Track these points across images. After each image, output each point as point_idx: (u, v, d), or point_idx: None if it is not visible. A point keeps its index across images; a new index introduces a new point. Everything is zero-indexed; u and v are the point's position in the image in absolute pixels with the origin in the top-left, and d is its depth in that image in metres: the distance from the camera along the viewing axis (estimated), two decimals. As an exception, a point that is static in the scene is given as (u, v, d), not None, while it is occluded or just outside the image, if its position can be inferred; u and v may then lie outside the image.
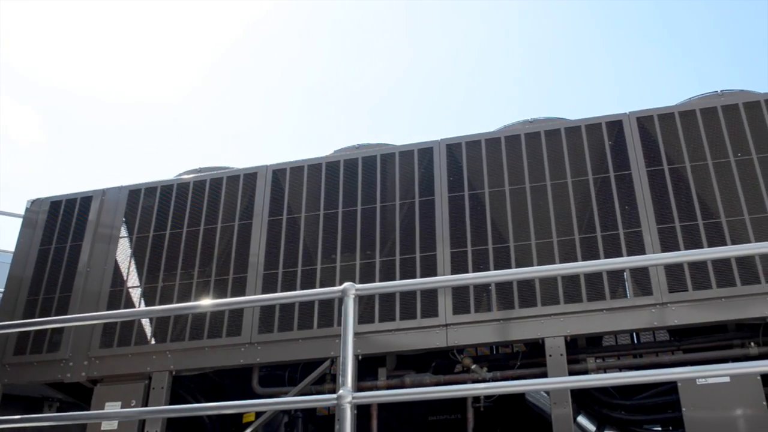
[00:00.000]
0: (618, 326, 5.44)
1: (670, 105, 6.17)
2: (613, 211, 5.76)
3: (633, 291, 5.46)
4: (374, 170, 6.43)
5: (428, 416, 6.62)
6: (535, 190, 5.99)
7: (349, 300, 3.82)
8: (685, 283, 5.39)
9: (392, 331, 5.74)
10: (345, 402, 3.53)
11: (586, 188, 5.92)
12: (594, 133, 6.13)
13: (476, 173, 6.18)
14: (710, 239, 5.51)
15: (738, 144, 5.82)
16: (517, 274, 4.23)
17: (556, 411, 5.23)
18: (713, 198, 5.66)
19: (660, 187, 5.77)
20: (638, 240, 5.60)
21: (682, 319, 5.34)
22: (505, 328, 5.58)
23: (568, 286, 5.55)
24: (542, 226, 5.84)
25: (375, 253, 6.06)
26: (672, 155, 5.89)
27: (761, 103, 5.96)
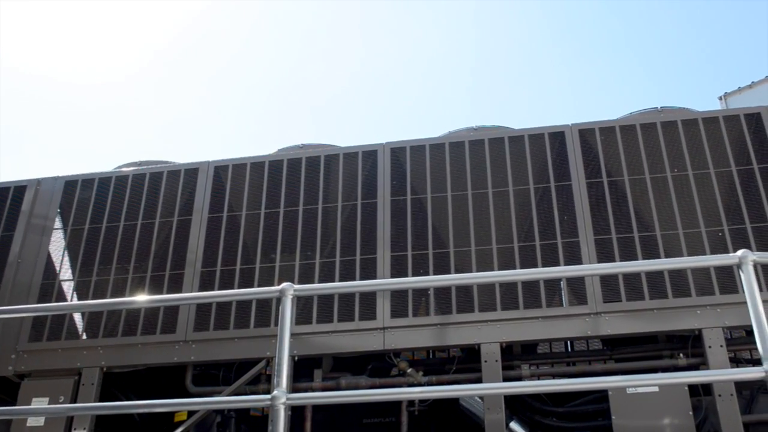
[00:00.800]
0: (553, 334, 5.51)
1: (612, 119, 6.29)
2: (552, 220, 5.84)
3: (568, 300, 5.54)
4: (318, 171, 6.40)
5: (363, 419, 6.61)
6: (477, 197, 6.04)
7: (287, 300, 3.79)
8: (619, 294, 5.50)
9: (329, 332, 5.72)
10: (279, 403, 3.50)
11: (526, 197, 5.99)
12: (537, 143, 6.21)
13: (419, 178, 6.21)
14: (645, 252, 5.62)
15: (675, 160, 5.95)
16: (455, 280, 4.25)
17: (489, 416, 5.28)
18: (649, 211, 5.78)
19: (599, 199, 5.87)
20: (575, 250, 5.69)
21: (615, 329, 5.44)
22: (442, 332, 5.61)
23: (505, 293, 5.61)
24: (482, 233, 5.89)
25: (315, 254, 6.03)
26: (611, 168, 6.00)
27: (699, 121, 6.11)
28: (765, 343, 3.53)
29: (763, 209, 5.69)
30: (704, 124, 6.11)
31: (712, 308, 5.40)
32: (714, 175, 5.87)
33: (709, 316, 5.38)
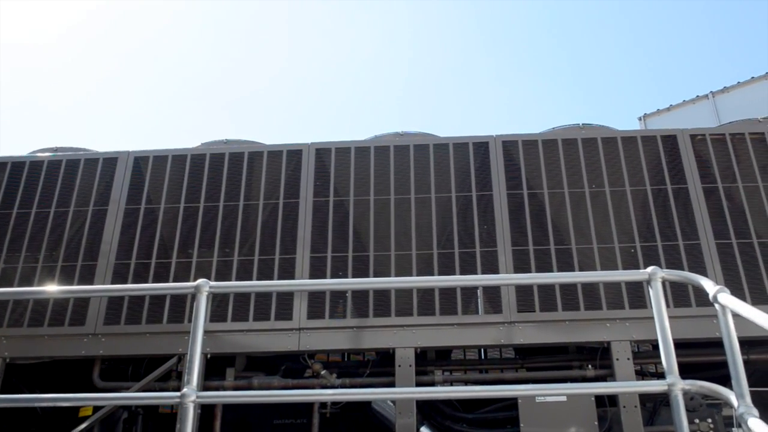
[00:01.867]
0: (467, 341, 5.58)
1: (535, 132, 6.41)
2: (472, 229, 5.91)
3: (484, 308, 5.61)
4: (241, 167, 6.33)
5: (274, 419, 6.55)
6: (399, 202, 6.07)
7: (202, 297, 3.72)
8: (533, 304, 5.60)
9: (244, 331, 5.66)
10: (188, 401, 3.43)
11: (448, 205, 6.04)
12: (461, 152, 6.27)
13: (343, 180, 6.20)
14: (560, 264, 5.74)
15: (593, 176, 6.11)
16: (373, 284, 4.27)
17: (400, 420, 5.30)
18: (566, 225, 5.90)
19: (518, 210, 5.97)
20: (493, 259, 5.77)
21: (528, 338, 5.54)
22: (358, 336, 5.61)
23: (422, 299, 5.65)
24: (403, 238, 5.91)
25: (234, 251, 5.96)
26: (532, 180, 6.11)
27: (618, 140, 6.29)
28: (669, 357, 3.64)
29: (674, 228, 5.88)
30: (623, 143, 6.28)
31: (621, 322, 5.55)
32: (629, 193, 6.04)
33: (618, 330, 5.53)
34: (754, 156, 6.23)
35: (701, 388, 3.56)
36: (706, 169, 6.18)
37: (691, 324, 5.54)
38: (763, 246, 5.84)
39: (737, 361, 3.41)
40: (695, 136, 6.35)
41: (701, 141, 6.32)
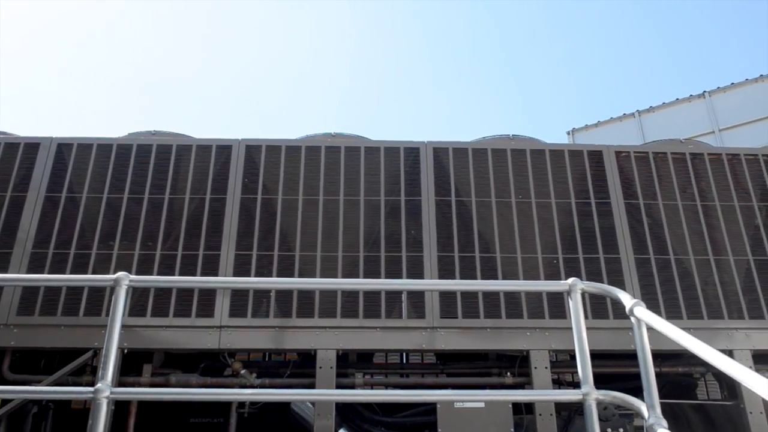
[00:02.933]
0: (389, 345, 5.58)
1: (466, 141, 6.47)
2: (399, 233, 5.93)
3: (408, 313, 5.63)
4: (168, 160, 6.21)
5: (190, 418, 6.44)
6: (328, 203, 6.05)
7: (121, 290, 3.63)
8: (456, 311, 5.65)
9: (164, 327, 5.55)
10: (102, 396, 3.35)
11: (376, 208, 6.05)
12: (392, 156, 6.29)
13: (272, 178, 6.14)
14: (484, 272, 5.81)
15: (520, 187, 6.20)
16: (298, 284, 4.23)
17: (318, 422, 5.27)
18: (492, 234, 5.98)
19: (445, 217, 6.02)
20: (419, 264, 5.80)
21: (450, 344, 5.58)
22: (280, 336, 5.56)
23: (346, 301, 5.63)
24: (330, 239, 5.89)
25: (157, 244, 5.84)
26: (461, 188, 6.16)
27: (546, 153, 6.39)
28: (585, 367, 3.71)
29: (596, 241, 6.01)
30: (551, 155, 6.40)
31: (541, 331, 5.64)
32: (555, 205, 6.16)
33: (538, 339, 5.62)
34: (674, 175, 6.42)
35: (614, 399, 3.64)
36: (629, 185, 6.34)
37: (607, 335, 5.67)
38: (679, 263, 6.02)
39: (649, 373, 3.50)
40: (620, 152, 6.50)
41: (626, 158, 6.48)
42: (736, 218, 6.29)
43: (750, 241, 6.21)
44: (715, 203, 6.35)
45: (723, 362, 2.92)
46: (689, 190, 6.39)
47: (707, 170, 6.50)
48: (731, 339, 5.78)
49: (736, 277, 6.02)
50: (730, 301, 5.92)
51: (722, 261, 6.08)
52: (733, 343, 5.78)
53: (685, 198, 6.35)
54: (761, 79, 15.76)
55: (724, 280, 6.00)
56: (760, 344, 5.81)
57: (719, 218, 6.28)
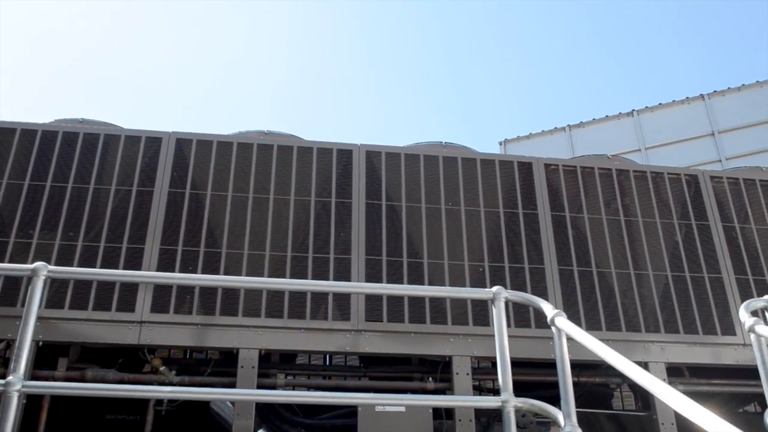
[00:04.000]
0: (313, 346, 5.56)
1: (399, 145, 6.50)
2: (328, 235, 5.91)
3: (333, 314, 5.62)
4: (95, 149, 6.06)
5: (105, 414, 6.29)
6: (258, 202, 5.99)
7: (39, 281, 3.54)
8: (381, 314, 5.66)
9: (82, 320, 5.40)
10: (13, 390, 3.25)
11: (306, 208, 6.02)
12: (325, 157, 6.27)
13: (202, 173, 6.06)
14: (411, 277, 5.84)
15: (450, 194, 6.25)
16: (222, 282, 4.18)
17: (237, 422, 5.21)
18: (421, 239, 6.01)
19: (375, 220, 6.03)
20: (346, 266, 5.79)
21: (373, 347, 5.59)
22: (203, 333, 5.48)
23: (271, 301, 5.59)
24: (257, 238, 5.84)
25: (79, 235, 5.69)
26: (391, 192, 6.19)
27: (477, 161, 6.47)
28: (505, 374, 3.77)
29: (522, 251, 6.11)
30: (482, 164, 6.47)
31: (464, 338, 5.70)
32: (483, 214, 6.23)
33: (461, 345, 5.67)
34: (600, 189, 6.57)
35: (532, 406, 3.71)
36: (556, 197, 6.46)
37: (529, 344, 5.77)
38: (601, 275, 6.16)
39: (567, 383, 3.58)
40: (549, 165, 6.62)
41: (554, 170, 6.60)
42: (657, 234, 6.48)
43: (669, 257, 6.39)
44: (637, 219, 6.52)
45: (638, 374, 3.00)
46: (614, 205, 6.55)
47: (632, 187, 6.67)
48: (647, 351, 5.94)
49: (654, 292, 6.19)
50: (648, 314, 6.08)
51: (642, 275, 6.25)
52: (649, 355, 5.93)
53: (609, 212, 6.50)
54: (687, 101, 16.27)
55: (642, 294, 6.17)
56: (674, 357, 5.99)
57: (641, 234, 6.45)
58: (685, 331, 6.08)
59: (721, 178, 6.94)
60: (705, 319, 6.15)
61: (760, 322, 3.96)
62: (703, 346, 6.07)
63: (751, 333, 3.96)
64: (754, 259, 6.54)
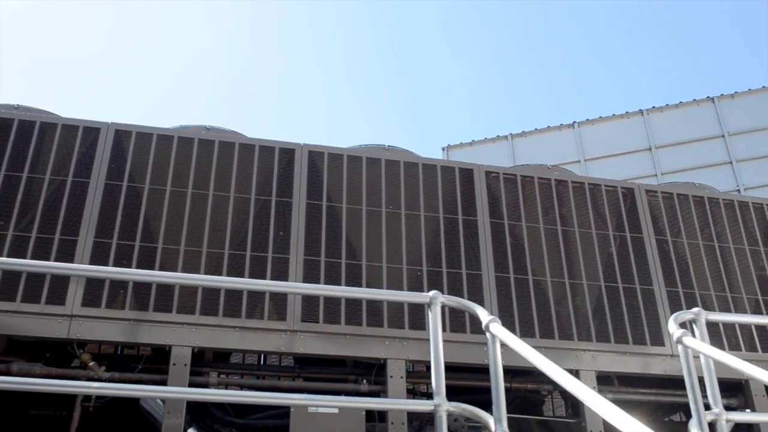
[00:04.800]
0: (248, 346, 5.50)
1: (342, 147, 6.48)
2: (267, 234, 5.87)
3: (269, 314, 5.57)
4: (30, 136, 5.90)
5: (31, 409, 6.13)
6: (197, 197, 5.91)
7: (-37, 269, 3.42)
8: (317, 315, 5.63)
9: (9, 312, 5.25)
10: (-70, 382, 3.14)
11: (246, 205, 5.96)
12: (266, 155, 6.22)
13: (140, 166, 5.95)
14: (349, 279, 5.83)
15: (391, 197, 6.26)
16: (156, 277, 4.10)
17: (167, 420, 5.13)
18: (360, 241, 6.01)
19: (315, 221, 6.00)
20: (284, 266, 5.75)
21: (308, 348, 5.56)
22: (135, 329, 5.38)
23: (206, 298, 5.51)
24: (195, 234, 5.75)
25: (9, 225, 5.53)
26: (333, 193, 6.17)
27: (419, 166, 6.50)
28: (439, 379, 3.79)
29: (460, 257, 6.15)
30: (423, 169, 6.50)
31: (400, 341, 5.71)
32: (423, 218, 6.26)
33: (396, 348, 5.69)
34: (539, 198, 6.66)
35: (464, 411, 3.73)
36: (495, 204, 6.52)
37: (463, 349, 5.81)
38: (536, 283, 6.24)
39: (499, 388, 3.61)
40: (490, 172, 6.69)
41: (495, 178, 6.67)
42: (593, 245, 6.59)
43: (603, 268, 6.51)
44: (574, 229, 6.62)
45: (568, 381, 3.04)
46: (552, 214, 6.65)
47: (570, 197, 6.78)
48: (579, 360, 6.04)
49: (588, 301, 6.30)
50: (581, 323, 6.18)
51: (576, 285, 6.35)
52: (580, 363, 6.04)
53: (547, 222, 6.59)
54: (626, 115, 16.63)
55: (576, 303, 6.27)
56: (605, 366, 6.10)
57: (577, 244, 6.56)
58: (616, 340, 6.20)
59: (656, 192, 7.10)
60: (635, 330, 6.28)
61: (687, 334, 4.06)
62: (633, 356, 6.20)
63: (679, 344, 4.07)
64: (685, 272, 6.71)
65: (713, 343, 5.88)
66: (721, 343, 6.40)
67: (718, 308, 6.60)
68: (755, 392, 6.31)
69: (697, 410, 3.91)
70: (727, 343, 6.45)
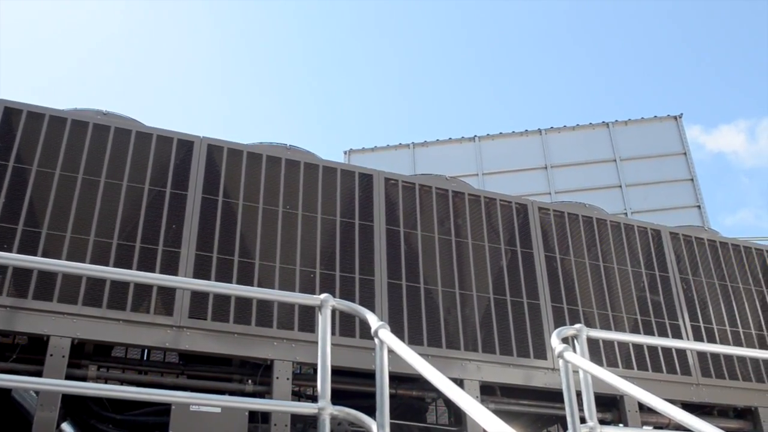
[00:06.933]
0: (132, 340, 5.35)
1: (243, 143, 6.39)
2: (159, 226, 5.72)
3: (155, 308, 5.43)
4: None
5: None
6: (87, 183, 5.69)
7: None
8: (206, 312, 5.52)
9: None
10: None
11: (139, 195, 5.80)
12: (164, 145, 6.07)
13: (29, 147, 5.68)
14: (241, 277, 5.75)
15: (289, 197, 6.22)
16: (37, 263, 3.95)
17: (40, 413, 4.92)
18: (254, 240, 5.93)
19: (210, 216, 5.89)
20: (175, 260, 5.63)
21: (195, 345, 5.45)
22: (12, 317, 5.14)
23: (91, 288, 5.32)
24: (83, 221, 5.55)
25: None
26: (230, 189, 6.07)
27: (319, 168, 6.47)
28: (324, 382, 3.78)
29: (354, 262, 6.16)
30: (324, 171, 6.49)
31: (288, 342, 5.67)
32: (320, 221, 6.24)
33: (284, 349, 5.64)
34: (435, 208, 6.75)
35: (348, 415, 3.75)
36: (392, 211, 6.56)
37: (352, 354, 5.81)
38: (427, 292, 6.32)
39: (384, 394, 3.64)
40: (389, 179, 6.73)
41: (394, 185, 6.72)
42: (485, 257, 6.72)
43: (493, 280, 6.65)
44: (467, 241, 6.74)
45: (452, 390, 3.09)
46: (447, 224, 6.74)
47: (466, 209, 6.89)
48: (464, 369, 6.14)
49: (476, 312, 6.41)
50: (468, 333, 6.29)
51: (466, 295, 6.46)
52: (465, 373, 6.14)
53: (442, 232, 6.68)
54: (526, 133, 17.08)
55: (465, 313, 6.38)
56: (489, 377, 6.23)
57: (470, 255, 6.67)
58: (501, 351, 6.33)
59: (548, 209, 7.31)
60: (520, 342, 6.44)
61: (569, 349, 4.19)
62: (516, 368, 6.35)
63: (560, 359, 4.20)
64: (570, 289, 6.92)
65: (593, 358, 6.08)
66: (600, 360, 6.63)
67: (600, 326, 6.83)
68: (629, 408, 6.56)
69: (573, 423, 4.04)
70: (606, 359, 6.69)
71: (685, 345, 6.84)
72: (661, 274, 7.44)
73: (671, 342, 6.72)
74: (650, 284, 7.35)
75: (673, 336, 7.08)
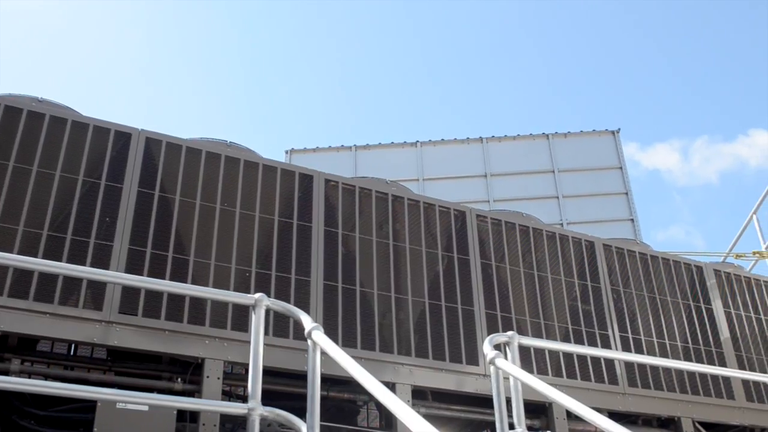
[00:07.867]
0: (58, 334, 5.22)
1: (183, 137, 6.30)
2: (92, 218, 5.59)
3: (84, 302, 5.30)
4: None
5: None
6: (19, 172, 5.52)
7: None
8: (137, 308, 5.42)
9: None
10: None
11: (72, 186, 5.65)
12: (101, 136, 5.94)
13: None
14: (175, 273, 5.65)
15: (227, 195, 6.15)
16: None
17: (-43, 407, 4.76)
18: (190, 236, 5.85)
19: (145, 210, 5.78)
20: (107, 254, 5.51)
21: (124, 341, 5.34)
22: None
23: (17, 280, 5.16)
24: (12, 210, 5.38)
25: None
26: (167, 184, 5.97)
27: (259, 166, 6.42)
28: (255, 382, 3.76)
29: (291, 262, 6.12)
30: (264, 170, 6.43)
31: (221, 341, 5.60)
32: (258, 219, 6.18)
33: (215, 348, 5.57)
34: (374, 212, 6.75)
35: (278, 416, 3.73)
36: (332, 213, 6.55)
37: (285, 354, 5.77)
38: (363, 295, 6.31)
39: (315, 396, 3.63)
40: (330, 181, 6.71)
41: (334, 187, 6.70)
42: (421, 262, 6.75)
43: (429, 285, 6.68)
44: (405, 245, 6.76)
45: (383, 394, 3.10)
46: (385, 228, 6.75)
47: (405, 214, 6.91)
48: (396, 373, 6.15)
49: (411, 316, 6.44)
50: (402, 337, 6.30)
51: (402, 299, 6.48)
52: (398, 377, 6.15)
53: (380, 235, 6.69)
54: (467, 141, 17.25)
55: (400, 317, 6.39)
56: (421, 381, 6.25)
57: (407, 259, 6.69)
58: (433, 356, 6.36)
59: (486, 217, 7.38)
60: (453, 348, 6.48)
61: (500, 356, 4.24)
62: (449, 373, 6.39)
63: (492, 365, 4.24)
64: (504, 297, 7.00)
65: (524, 366, 6.16)
66: (530, 367, 6.72)
67: (532, 333, 6.92)
68: (557, 415, 6.66)
69: (502, 429, 4.09)
70: (536, 367, 6.78)
71: (613, 355, 6.97)
72: (593, 285, 7.58)
73: (600, 351, 6.85)
74: (582, 294, 7.48)
75: (603, 346, 7.21)
